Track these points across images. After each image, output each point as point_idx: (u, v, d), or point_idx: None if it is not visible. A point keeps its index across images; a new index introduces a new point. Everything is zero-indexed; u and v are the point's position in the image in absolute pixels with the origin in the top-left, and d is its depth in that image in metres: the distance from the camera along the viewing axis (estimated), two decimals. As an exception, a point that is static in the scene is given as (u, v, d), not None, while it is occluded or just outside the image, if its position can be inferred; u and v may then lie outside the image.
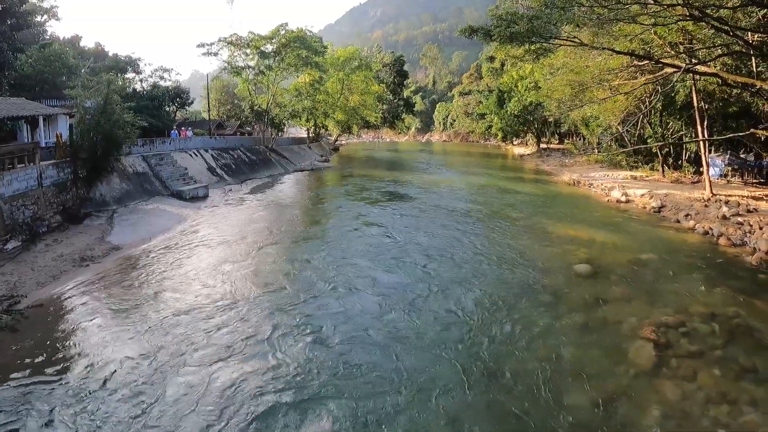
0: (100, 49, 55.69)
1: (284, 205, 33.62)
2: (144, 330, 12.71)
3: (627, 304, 14.50)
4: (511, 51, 47.68)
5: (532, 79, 63.00)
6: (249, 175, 47.73)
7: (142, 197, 30.65)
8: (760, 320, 13.15)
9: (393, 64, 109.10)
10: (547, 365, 10.91)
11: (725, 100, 31.52)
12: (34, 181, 22.18)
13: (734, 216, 23.30)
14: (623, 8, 18.17)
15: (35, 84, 38.93)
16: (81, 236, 21.66)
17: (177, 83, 56.73)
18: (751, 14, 20.31)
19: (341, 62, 78.03)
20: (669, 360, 11.13)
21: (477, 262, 18.99)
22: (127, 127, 26.82)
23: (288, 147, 68.86)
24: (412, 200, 33.61)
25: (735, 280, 16.47)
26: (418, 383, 10.19)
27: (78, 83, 27.87)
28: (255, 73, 61.24)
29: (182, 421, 8.97)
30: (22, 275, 16.30)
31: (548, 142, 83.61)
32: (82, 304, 14.61)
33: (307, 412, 9.26)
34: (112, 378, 10.38)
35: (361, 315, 13.78)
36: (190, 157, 42.20)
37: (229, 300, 14.83)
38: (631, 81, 27.99)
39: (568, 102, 35.53)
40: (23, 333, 12.39)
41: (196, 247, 21.23)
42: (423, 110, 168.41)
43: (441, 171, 57.95)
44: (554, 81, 37.73)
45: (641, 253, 19.68)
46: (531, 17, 21.09)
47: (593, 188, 37.54)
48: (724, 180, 33.94)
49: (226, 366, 10.84)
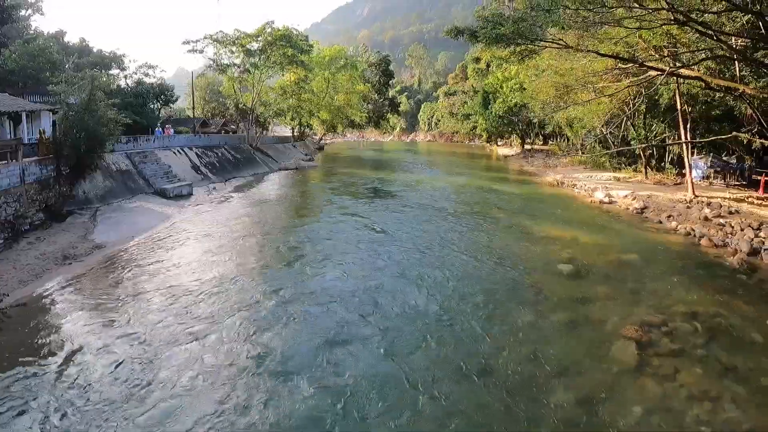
0: (85, 45, 54.88)
1: (268, 203, 33.54)
2: (127, 328, 12.60)
3: (610, 303, 14.67)
4: (496, 52, 48.08)
5: (517, 80, 63.44)
6: (233, 174, 47.49)
7: (125, 195, 30.35)
8: (741, 320, 13.39)
9: (379, 63, 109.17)
10: (529, 363, 11.02)
11: (708, 104, 32.02)
12: (17, 178, 21.86)
13: (716, 217, 23.66)
14: (608, 11, 18.39)
15: (18, 79, 38.33)
16: (64, 234, 21.40)
17: (161, 80, 55.99)
18: (735, 19, 20.62)
19: (327, 61, 77.99)
20: (651, 358, 11.28)
21: (459, 260, 19.05)
22: (110, 124, 26.55)
23: (273, 146, 68.58)
24: (395, 199, 33.66)
25: (717, 280, 16.74)
26: (398, 381, 10.23)
27: (62, 79, 27.53)
28: (240, 71, 60.97)
29: (166, 415, 8.94)
30: (4, 273, 16.07)
31: (532, 143, 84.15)
32: (65, 302, 14.45)
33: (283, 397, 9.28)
34: (96, 376, 10.28)
35: (347, 322, 13.80)
36: (174, 154, 41.86)
37: (213, 297, 14.78)
38: (616, 83, 28.33)
39: (553, 103, 35.92)
40: (5, 332, 12.29)
41: (179, 246, 21.08)
42: (408, 110, 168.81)
43: (425, 170, 58.13)
44: (539, 82, 38.10)
45: (624, 253, 19.91)
46: (517, 19, 21.30)
47: (577, 189, 37.85)
48: (707, 182, 34.48)
49: (209, 363, 10.80)
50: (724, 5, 17.91)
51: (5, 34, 37.10)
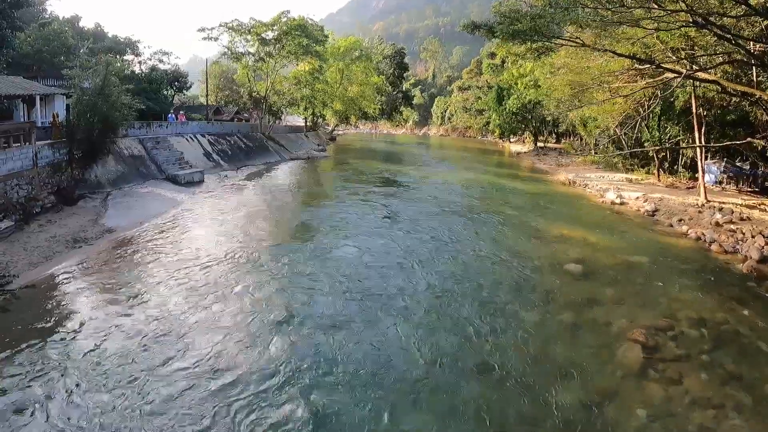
0: (100, 30, 55.16)
1: (280, 191, 33.65)
2: (135, 311, 12.73)
3: (617, 306, 14.61)
4: (512, 48, 47.65)
5: (532, 77, 62.84)
6: (245, 162, 47.57)
7: (137, 180, 30.51)
8: (748, 327, 13.29)
9: (393, 56, 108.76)
10: (535, 363, 11.01)
11: (724, 108, 31.66)
12: (30, 161, 22.04)
13: (727, 223, 23.45)
14: (627, 11, 18.19)
15: (33, 63, 38.63)
16: (75, 217, 21.58)
17: (176, 67, 56.35)
18: (754, 24, 20.33)
19: (341, 52, 77.73)
20: (656, 363, 11.24)
21: (468, 257, 19.05)
22: (124, 109, 26.66)
23: (285, 135, 68.57)
24: (406, 192, 33.66)
25: (725, 286, 16.61)
26: (405, 379, 10.26)
27: (76, 64, 27.68)
28: (255, 59, 60.98)
29: (174, 398, 9.01)
30: (15, 255, 16.24)
31: (545, 141, 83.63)
32: (74, 285, 14.60)
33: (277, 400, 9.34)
34: (104, 357, 10.39)
35: (355, 316, 13.85)
36: (186, 141, 41.98)
37: (223, 281, 14.89)
38: (631, 84, 28.02)
39: (567, 102, 35.64)
40: (14, 313, 12.42)
41: (189, 231, 21.22)
42: (421, 104, 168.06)
43: (437, 165, 57.96)
44: (554, 80, 37.75)
45: (633, 255, 19.79)
46: (534, 16, 21.06)
47: (588, 189, 37.61)
48: (719, 187, 34.12)
49: (222, 347, 10.88)
50: (744, 9, 17.65)
51: (20, 18, 37.22)
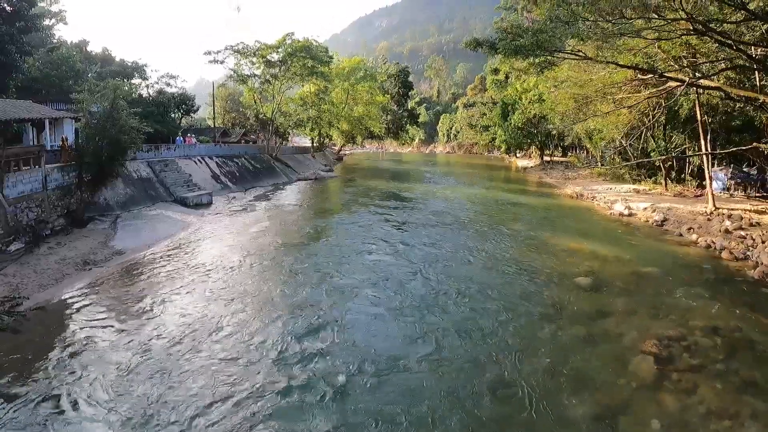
0: (107, 54, 56.03)
1: (287, 212, 33.70)
2: (145, 335, 12.71)
3: (628, 317, 14.45)
4: (515, 64, 47.95)
5: (536, 91, 63.16)
6: (253, 183, 47.88)
7: (146, 203, 30.75)
8: (762, 334, 13.10)
9: (398, 75, 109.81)
10: (547, 376, 10.88)
11: (728, 114, 31.63)
12: (39, 184, 22.29)
13: (737, 230, 23.28)
14: (627, 23, 18.30)
15: (42, 87, 39.18)
16: (84, 240, 21.72)
17: (183, 90, 57.01)
18: (754, 28, 20.38)
19: (346, 72, 78.52)
20: (670, 373, 11.08)
21: (478, 271, 18.99)
22: (132, 132, 26.89)
23: (292, 156, 69.08)
24: (415, 210, 33.64)
25: (737, 294, 16.44)
26: (417, 393, 10.18)
27: (85, 88, 28.01)
28: (261, 81, 61.73)
29: (185, 421, 8.98)
30: (25, 277, 16.34)
31: (551, 154, 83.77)
32: (83, 307, 14.63)
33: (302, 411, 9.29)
34: (114, 380, 10.38)
35: (367, 327, 13.82)
36: (194, 163, 42.37)
37: (234, 305, 14.86)
38: (635, 94, 28.09)
39: (572, 115, 35.72)
40: (25, 334, 12.46)
41: (199, 253, 21.27)
42: (427, 121, 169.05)
43: (445, 182, 57.97)
44: (558, 94, 37.89)
45: (643, 266, 19.64)
46: (536, 31, 21.25)
47: (596, 201, 37.48)
48: (727, 194, 33.95)
49: (239, 377, 10.85)
50: (743, 15, 17.72)
51: (29, 43, 37.90)
